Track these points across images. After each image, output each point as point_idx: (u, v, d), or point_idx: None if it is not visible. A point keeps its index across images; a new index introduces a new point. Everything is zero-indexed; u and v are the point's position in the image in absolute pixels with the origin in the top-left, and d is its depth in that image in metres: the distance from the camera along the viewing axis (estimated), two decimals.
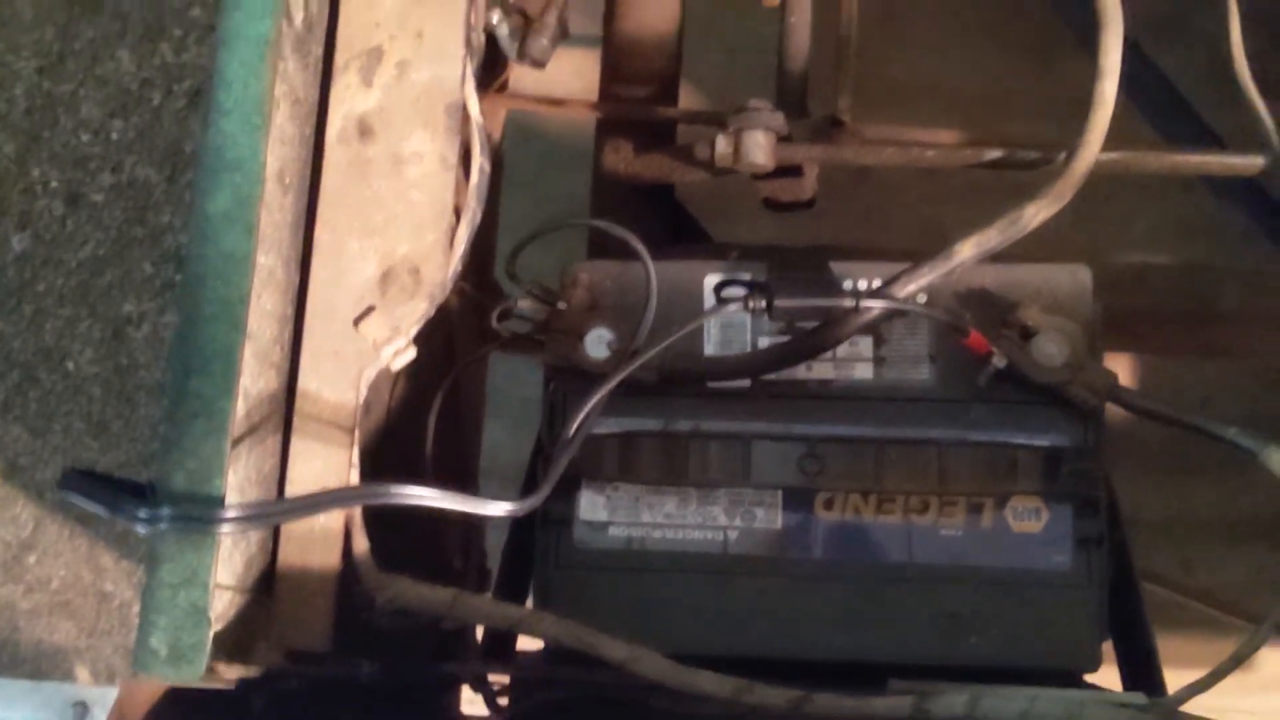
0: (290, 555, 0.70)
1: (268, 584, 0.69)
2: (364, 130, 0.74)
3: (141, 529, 0.63)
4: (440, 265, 0.73)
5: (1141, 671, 0.85)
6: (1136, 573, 0.86)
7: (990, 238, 0.79)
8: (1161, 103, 1.06)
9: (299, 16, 0.72)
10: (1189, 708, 0.76)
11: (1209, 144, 1.02)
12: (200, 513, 0.64)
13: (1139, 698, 0.76)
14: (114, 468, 0.83)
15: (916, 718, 0.70)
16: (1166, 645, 0.86)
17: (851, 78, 0.91)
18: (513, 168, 1.02)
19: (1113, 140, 0.81)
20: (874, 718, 0.70)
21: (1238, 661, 0.76)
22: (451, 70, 0.75)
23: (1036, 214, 0.78)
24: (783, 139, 0.88)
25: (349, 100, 0.74)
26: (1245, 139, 0.86)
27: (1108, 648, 0.85)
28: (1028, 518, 0.81)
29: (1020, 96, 0.91)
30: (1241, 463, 0.77)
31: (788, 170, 0.90)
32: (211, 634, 0.64)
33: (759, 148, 0.87)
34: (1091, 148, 0.78)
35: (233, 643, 0.67)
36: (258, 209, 0.67)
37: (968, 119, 1.23)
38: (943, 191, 0.92)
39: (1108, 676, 0.86)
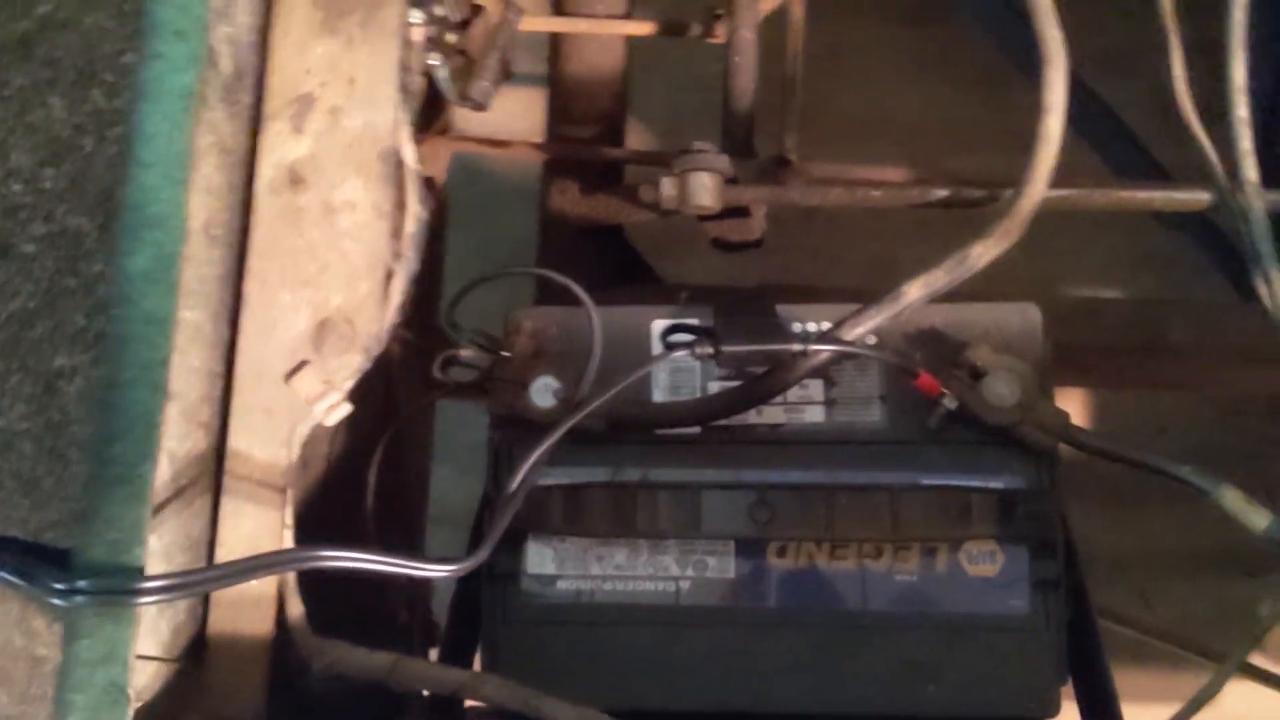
0: (221, 621, 0.67)
1: (198, 651, 0.66)
2: (295, 179, 0.72)
3: (57, 602, 0.60)
4: (375, 317, 0.71)
5: (1101, 715, 0.83)
6: (1094, 614, 0.85)
7: (938, 278, 0.78)
8: (1109, 136, 1.06)
9: (226, 64, 0.70)
10: None
11: (1156, 177, 1.01)
12: (119, 585, 0.61)
13: None
14: (45, 526, 0.79)
15: None
16: (1129, 682, 0.85)
17: (798, 116, 0.91)
18: (458, 207, 1.00)
19: (1061, 176, 0.80)
20: None
21: (1198, 705, 0.75)
22: (385, 116, 0.74)
23: (984, 254, 0.77)
24: (729, 180, 0.87)
25: (279, 148, 0.72)
26: (1193, 173, 0.85)
27: (1068, 690, 0.83)
28: (983, 561, 0.80)
29: (970, 129, 0.90)
30: (1196, 496, 0.75)
31: (735, 211, 0.89)
32: (132, 711, 0.61)
33: (705, 190, 0.86)
34: (1037, 186, 0.77)
35: (158, 716, 0.63)
36: (180, 267, 0.64)
37: (918, 153, 1.22)
38: (892, 227, 0.91)
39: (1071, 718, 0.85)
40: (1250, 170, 0.81)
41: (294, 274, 0.71)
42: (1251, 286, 0.81)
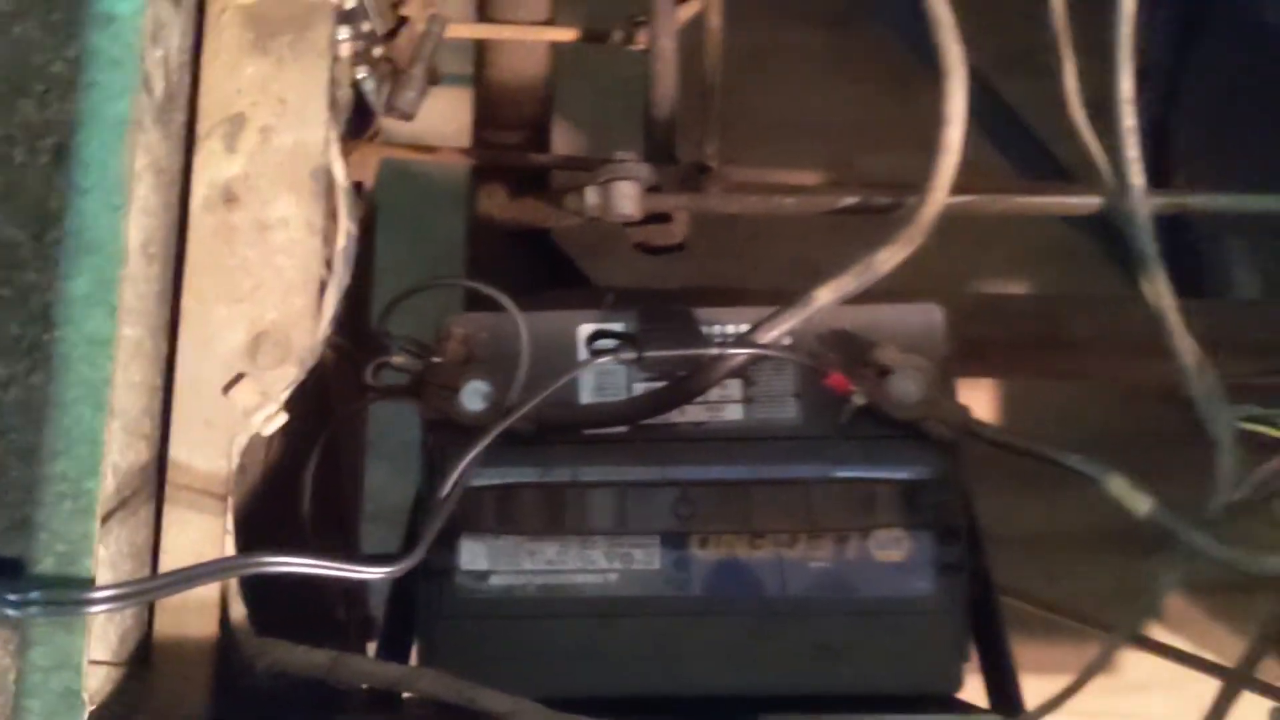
0: (166, 626, 0.71)
1: (144, 656, 0.70)
2: (229, 197, 0.75)
3: (10, 613, 0.64)
4: (309, 330, 0.75)
5: (1002, 690, 0.90)
6: (997, 594, 0.92)
7: (846, 283, 0.84)
8: (1012, 137, 1.13)
9: (159, 87, 0.73)
10: None
11: (1057, 176, 1.08)
12: (70, 596, 0.65)
13: (992, 718, 0.81)
14: None
15: None
16: (1036, 656, 0.92)
17: (718, 123, 0.96)
18: (389, 211, 1.03)
19: (965, 178, 0.86)
20: None
21: (1089, 675, 0.82)
22: (315, 135, 0.77)
23: (889, 259, 0.83)
24: (651, 188, 0.92)
25: (213, 167, 0.75)
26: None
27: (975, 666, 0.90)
28: (891, 547, 0.86)
29: (887, 129, 0.96)
30: None
31: (657, 217, 0.94)
32: (87, 715, 0.65)
33: (626, 199, 0.91)
34: (938, 194, 0.83)
35: (110, 718, 0.67)
36: (119, 290, 0.68)
37: (837, 153, 1.28)
38: (811, 229, 0.97)
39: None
40: (1136, 176, 0.87)
41: (229, 290, 0.74)
42: None
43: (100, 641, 0.67)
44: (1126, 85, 0.87)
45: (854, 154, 1.15)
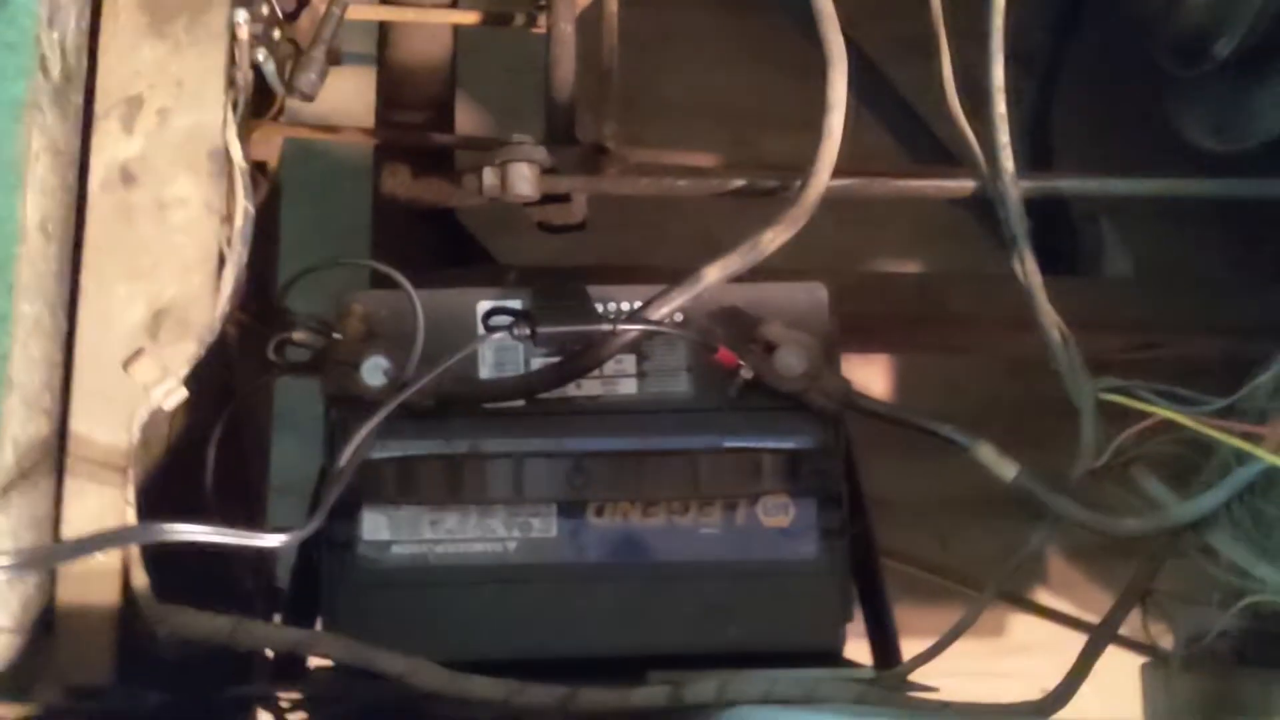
0: (68, 593, 0.74)
1: (47, 623, 0.73)
2: (127, 177, 0.77)
3: None
4: (207, 307, 0.78)
5: (882, 647, 0.95)
6: (880, 559, 0.97)
7: (733, 262, 0.89)
8: (899, 120, 1.18)
9: (56, 69, 0.75)
10: (921, 674, 0.88)
11: (942, 159, 1.13)
12: None
13: (869, 672, 0.87)
14: None
15: (672, 705, 0.79)
16: (925, 619, 0.97)
17: (615, 106, 0.98)
18: (294, 187, 1.04)
19: (854, 161, 0.90)
20: (633, 708, 0.77)
21: (959, 631, 0.87)
22: (213, 116, 0.80)
23: (774, 239, 0.88)
24: (548, 170, 0.95)
25: (110, 148, 0.78)
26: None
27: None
28: (777, 513, 0.91)
29: (785, 111, 1.00)
30: None
31: (556, 197, 0.97)
32: None
33: (524, 180, 0.94)
34: (821, 177, 0.88)
35: (11, 682, 0.70)
36: (16, 268, 0.70)
37: (737, 134, 1.32)
38: (713, 205, 1.01)
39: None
40: (1007, 161, 0.93)
41: (128, 267, 0.77)
42: None
43: (1, 608, 0.69)
44: (998, 73, 0.93)
45: (755, 136, 1.19)
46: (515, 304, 0.91)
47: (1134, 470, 0.87)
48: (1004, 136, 0.93)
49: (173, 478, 0.80)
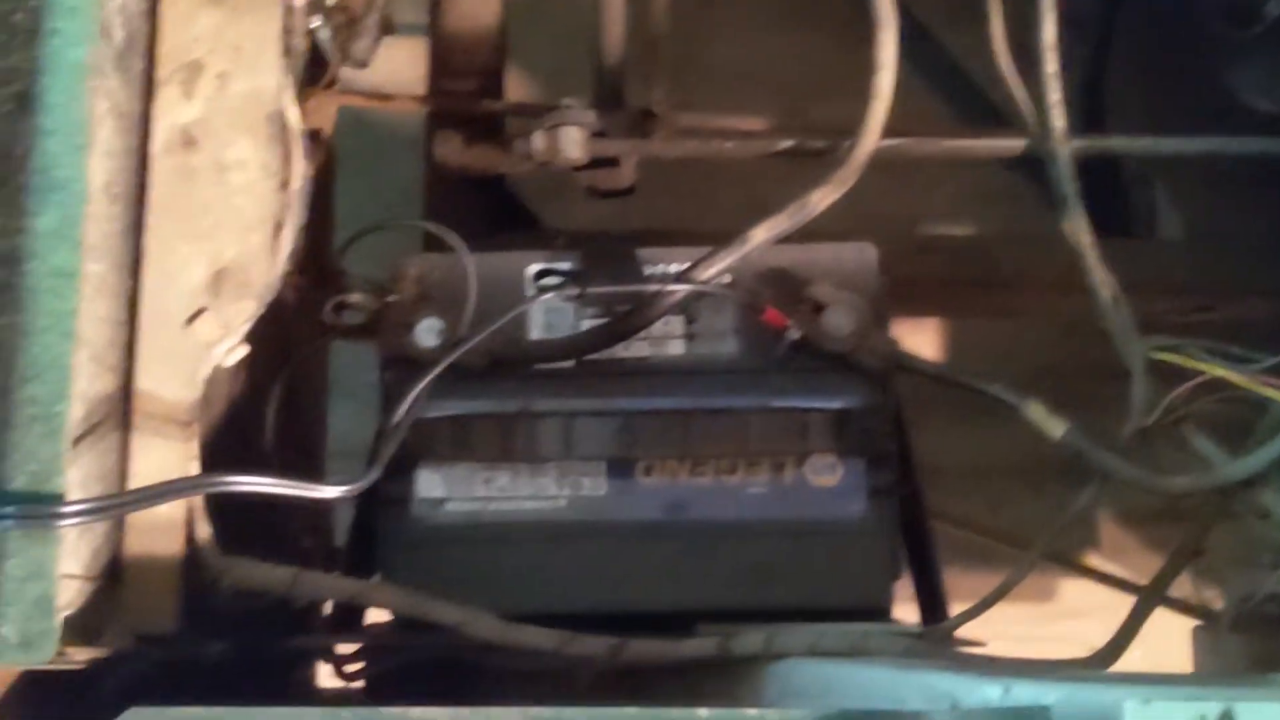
0: (135, 544, 0.76)
1: (115, 572, 0.75)
2: (187, 140, 0.80)
3: None
4: (267, 267, 0.80)
5: (930, 606, 0.96)
6: (928, 518, 0.97)
7: (781, 222, 0.89)
8: (949, 83, 1.17)
9: (119, 34, 0.77)
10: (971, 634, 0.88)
11: (991, 122, 1.13)
12: (42, 511, 0.70)
13: (915, 628, 0.87)
14: None
15: (720, 655, 0.80)
16: (976, 583, 0.97)
17: (664, 71, 0.99)
18: (348, 156, 1.06)
19: (903, 123, 0.90)
20: (682, 658, 0.79)
21: (1005, 591, 0.88)
22: (270, 81, 0.81)
23: (822, 199, 0.88)
24: (597, 134, 0.96)
25: (171, 112, 0.80)
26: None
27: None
28: (825, 473, 0.91)
29: (834, 77, 1.00)
30: None
31: (605, 161, 0.98)
32: (60, 620, 0.70)
33: (573, 143, 0.95)
34: (870, 137, 0.88)
35: (82, 627, 0.73)
36: (84, 226, 0.72)
37: (788, 102, 1.31)
38: (761, 170, 1.01)
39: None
40: (1058, 119, 0.92)
41: (190, 229, 0.79)
42: None
43: (72, 556, 0.72)
44: (1050, 31, 0.92)
45: (805, 102, 1.18)
46: (565, 266, 0.92)
47: (1184, 428, 0.86)
48: (1055, 94, 0.92)
49: (233, 436, 0.83)
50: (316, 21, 0.90)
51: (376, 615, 0.90)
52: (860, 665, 0.77)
